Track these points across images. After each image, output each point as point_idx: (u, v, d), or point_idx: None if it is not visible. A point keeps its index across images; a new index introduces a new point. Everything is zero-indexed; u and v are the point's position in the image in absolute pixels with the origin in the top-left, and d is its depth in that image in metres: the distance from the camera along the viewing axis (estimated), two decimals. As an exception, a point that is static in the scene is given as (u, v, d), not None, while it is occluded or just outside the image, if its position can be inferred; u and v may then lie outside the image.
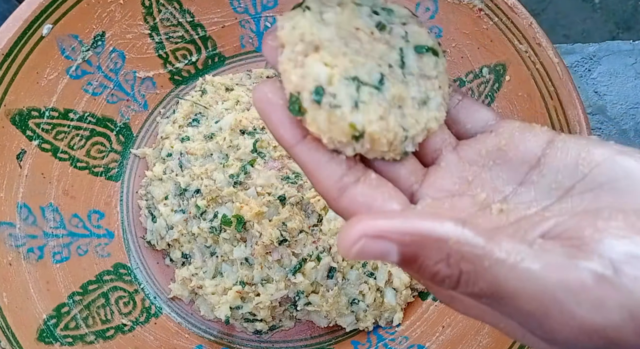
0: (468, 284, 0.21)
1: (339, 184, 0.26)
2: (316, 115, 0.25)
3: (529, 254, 0.20)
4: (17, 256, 0.46)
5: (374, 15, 0.27)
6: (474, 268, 0.20)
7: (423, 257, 0.21)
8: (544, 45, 0.44)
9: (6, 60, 0.45)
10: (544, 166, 0.26)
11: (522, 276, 0.20)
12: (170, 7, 0.53)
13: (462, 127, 0.29)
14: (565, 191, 0.25)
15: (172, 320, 0.52)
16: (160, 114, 0.57)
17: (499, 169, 0.27)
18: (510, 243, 0.21)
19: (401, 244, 0.21)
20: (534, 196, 0.25)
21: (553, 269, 0.20)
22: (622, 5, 1.17)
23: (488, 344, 0.45)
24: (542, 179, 0.25)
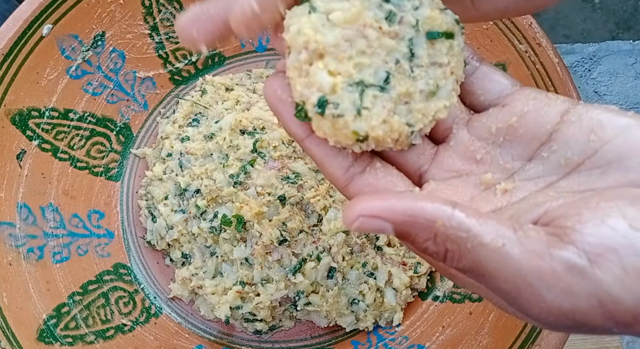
0: (453, 261, 0.23)
1: (346, 174, 0.27)
2: (321, 124, 0.26)
3: (511, 240, 0.21)
4: (17, 256, 0.46)
5: (385, 4, 0.26)
6: (458, 248, 0.22)
7: (414, 235, 0.23)
8: (544, 45, 0.44)
9: (6, 60, 0.45)
10: (554, 141, 0.26)
11: (500, 259, 0.21)
12: (170, 7, 0.53)
13: (475, 99, 0.29)
14: (573, 168, 0.25)
15: (172, 320, 0.52)
16: (160, 114, 0.57)
17: (509, 145, 0.27)
18: (495, 227, 0.22)
19: (394, 223, 0.23)
20: (541, 171, 0.26)
21: (529, 256, 0.21)
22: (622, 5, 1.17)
23: (488, 344, 0.45)
24: (552, 155, 0.26)
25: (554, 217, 0.22)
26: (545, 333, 0.41)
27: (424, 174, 0.28)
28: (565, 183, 0.25)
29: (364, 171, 0.27)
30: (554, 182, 0.25)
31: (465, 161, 0.28)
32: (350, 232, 0.49)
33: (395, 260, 0.51)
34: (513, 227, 0.22)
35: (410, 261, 0.51)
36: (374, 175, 0.27)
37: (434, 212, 0.22)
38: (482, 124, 0.28)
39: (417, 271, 0.51)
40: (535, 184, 0.26)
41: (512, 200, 0.26)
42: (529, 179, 0.26)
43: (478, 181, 0.27)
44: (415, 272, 0.51)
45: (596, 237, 0.21)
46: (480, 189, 0.27)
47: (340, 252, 0.48)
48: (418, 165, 0.28)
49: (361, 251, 0.50)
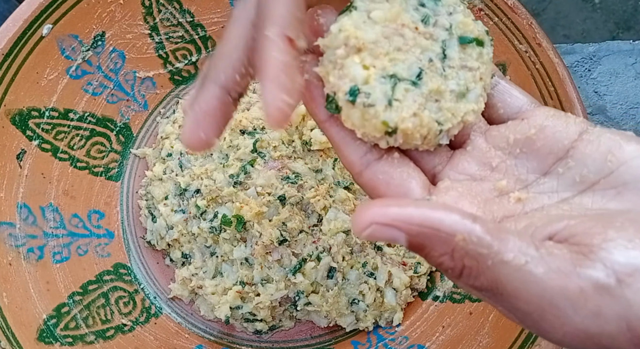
0: (470, 278, 0.21)
1: (362, 160, 0.27)
2: (350, 113, 0.26)
3: (534, 257, 0.20)
4: (17, 256, 0.46)
5: (421, 8, 0.27)
6: (477, 265, 0.21)
7: (429, 249, 0.21)
8: (544, 45, 0.44)
9: (6, 60, 0.45)
10: (571, 158, 0.25)
11: (523, 278, 0.20)
12: (170, 7, 0.53)
13: (494, 112, 0.29)
14: (588, 186, 0.25)
15: (172, 320, 0.52)
16: (160, 114, 0.57)
17: (525, 158, 0.27)
18: (517, 243, 0.21)
19: (409, 233, 0.21)
20: (556, 186, 0.26)
21: (555, 274, 0.20)
22: (622, 5, 1.17)
23: (488, 344, 0.45)
24: (567, 172, 0.25)
25: (574, 234, 0.22)
26: (545, 333, 0.41)
27: (438, 174, 0.28)
28: (579, 200, 0.24)
29: (380, 158, 0.27)
30: (568, 198, 0.25)
31: (480, 166, 0.28)
32: (350, 232, 0.49)
33: (395, 260, 0.51)
34: (535, 244, 0.21)
35: (410, 261, 0.51)
36: (390, 163, 0.27)
37: (453, 225, 0.21)
38: (500, 133, 0.28)
39: (417, 271, 0.51)
40: (549, 198, 0.25)
41: (525, 209, 0.25)
42: (542, 193, 0.26)
43: (492, 186, 0.27)
44: (415, 272, 0.51)
45: (625, 256, 0.20)
46: (494, 194, 0.26)
47: (340, 252, 0.48)
48: (433, 164, 0.28)
49: (361, 251, 0.50)
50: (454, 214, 0.21)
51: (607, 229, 0.21)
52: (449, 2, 0.28)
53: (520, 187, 0.26)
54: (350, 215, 0.49)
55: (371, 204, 0.22)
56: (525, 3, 0.45)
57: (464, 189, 0.26)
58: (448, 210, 0.21)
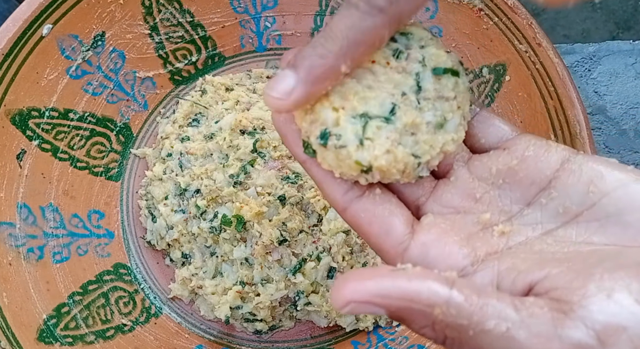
0: (453, 346, 0.21)
1: (344, 197, 0.27)
2: (325, 155, 0.27)
3: (515, 322, 0.20)
4: (17, 256, 0.46)
5: (392, 43, 0.27)
6: (459, 335, 0.21)
7: (409, 322, 0.22)
8: (544, 45, 0.44)
9: (6, 60, 0.45)
10: (554, 189, 0.25)
11: (507, 345, 0.20)
12: (170, 7, 0.53)
13: (476, 141, 0.29)
14: (571, 217, 0.25)
15: (172, 320, 0.52)
16: (160, 114, 0.57)
17: (508, 189, 0.27)
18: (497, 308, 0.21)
19: (388, 309, 0.21)
20: (539, 218, 0.25)
21: (537, 339, 0.20)
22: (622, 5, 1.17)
23: (488, 344, 0.45)
24: (550, 202, 0.25)
25: (555, 287, 0.21)
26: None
27: (422, 206, 0.28)
28: (563, 232, 0.24)
29: (362, 195, 0.27)
30: (552, 230, 0.25)
31: (464, 198, 0.27)
32: (350, 232, 0.49)
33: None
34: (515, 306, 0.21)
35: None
36: (372, 200, 0.27)
37: (430, 297, 0.21)
38: (482, 164, 0.28)
39: (417, 271, 0.51)
40: (532, 230, 0.25)
41: (509, 243, 0.25)
42: (526, 225, 0.26)
43: (476, 219, 0.26)
44: (415, 272, 0.51)
45: (604, 314, 0.20)
46: (478, 228, 0.26)
47: (340, 252, 0.48)
48: (416, 196, 0.28)
49: (361, 251, 0.50)
50: (432, 282, 0.21)
51: (587, 283, 0.21)
52: (420, 36, 0.28)
53: (504, 219, 0.26)
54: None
55: (347, 280, 0.22)
56: (525, 3, 0.45)
57: (447, 225, 0.26)
58: (424, 279, 0.21)
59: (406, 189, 0.28)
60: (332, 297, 0.22)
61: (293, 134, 0.28)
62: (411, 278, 0.21)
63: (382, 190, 0.28)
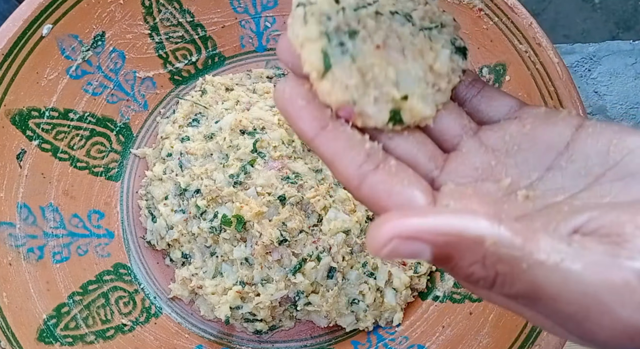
0: (504, 286, 0.20)
1: (358, 172, 0.26)
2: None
3: (569, 254, 0.19)
4: (17, 256, 0.46)
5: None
6: (511, 270, 0.20)
7: (457, 259, 0.20)
8: (544, 45, 0.44)
9: (6, 60, 0.45)
10: (572, 151, 0.25)
11: (562, 277, 0.19)
12: (170, 7, 0.53)
13: (484, 116, 0.28)
14: (594, 178, 0.24)
15: (172, 320, 0.52)
16: (160, 114, 0.57)
17: (524, 154, 0.26)
18: (549, 242, 0.20)
19: (435, 245, 0.20)
20: (561, 182, 0.25)
21: (595, 269, 0.19)
22: (622, 5, 1.17)
23: (488, 344, 0.45)
24: (570, 165, 0.24)
25: (601, 225, 0.21)
26: (545, 333, 0.41)
27: (436, 178, 0.27)
28: (587, 194, 0.23)
29: (377, 168, 0.26)
30: (577, 193, 0.24)
31: (479, 167, 0.26)
32: (350, 232, 0.49)
33: (395, 260, 0.51)
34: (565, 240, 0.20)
35: (410, 261, 0.51)
36: (389, 171, 0.25)
37: (481, 229, 0.19)
38: (494, 132, 0.27)
39: (417, 271, 0.51)
40: (555, 194, 0.24)
41: (536, 207, 0.24)
42: (549, 189, 0.25)
43: (496, 186, 0.25)
44: (415, 272, 0.51)
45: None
46: (500, 193, 0.25)
47: (340, 252, 0.48)
48: (430, 168, 0.27)
49: (361, 251, 0.50)
50: (480, 218, 0.20)
51: (635, 216, 0.20)
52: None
53: (525, 185, 0.25)
54: (350, 215, 0.49)
55: (387, 218, 0.20)
56: (525, 3, 0.45)
57: (469, 191, 0.25)
58: (472, 214, 0.20)
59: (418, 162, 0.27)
60: (369, 237, 0.20)
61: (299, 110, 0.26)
62: (458, 213, 0.20)
63: (397, 161, 0.26)
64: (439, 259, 0.20)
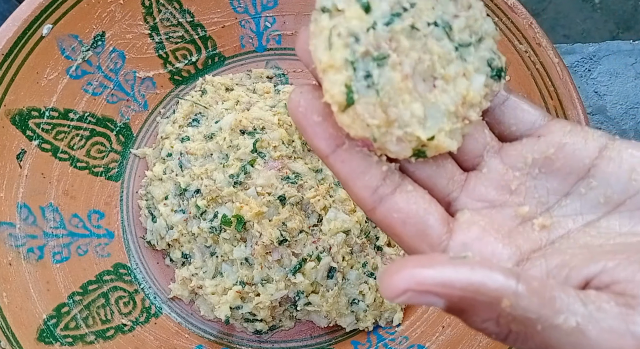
0: (517, 342, 0.20)
1: (373, 196, 0.25)
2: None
3: (584, 317, 0.19)
4: (17, 256, 0.46)
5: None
6: (525, 329, 0.20)
7: (471, 313, 0.20)
8: (544, 45, 0.44)
9: (6, 60, 0.45)
10: (593, 177, 0.24)
11: (576, 341, 0.19)
12: (170, 7, 0.53)
13: (506, 129, 0.27)
14: (614, 207, 0.24)
15: (172, 320, 0.52)
16: (160, 114, 0.57)
17: (545, 179, 0.26)
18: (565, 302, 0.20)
19: (449, 299, 0.20)
20: (579, 209, 0.24)
21: (609, 335, 0.19)
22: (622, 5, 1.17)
23: (488, 344, 0.45)
24: (590, 192, 0.24)
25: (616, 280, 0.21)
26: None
27: (454, 201, 0.27)
28: (606, 223, 0.23)
29: (393, 193, 0.25)
30: (594, 221, 0.24)
31: (498, 190, 0.26)
32: (350, 232, 0.49)
33: (395, 260, 0.51)
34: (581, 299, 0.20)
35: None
36: (405, 198, 0.25)
37: (498, 288, 0.19)
38: (516, 152, 0.26)
39: (417, 271, 0.51)
40: (573, 221, 0.24)
41: (551, 237, 0.24)
42: (567, 216, 0.24)
43: (513, 213, 0.25)
44: (415, 272, 0.51)
45: None
46: (517, 222, 0.25)
47: (340, 252, 0.48)
48: (447, 191, 0.27)
49: (361, 251, 0.50)
50: (497, 274, 0.20)
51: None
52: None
53: (542, 211, 0.25)
54: (350, 215, 0.49)
55: (401, 266, 0.20)
56: (525, 3, 0.45)
57: (485, 222, 0.25)
58: (489, 269, 0.20)
59: (437, 184, 0.27)
60: (382, 285, 0.20)
61: (315, 126, 0.25)
62: (474, 267, 0.20)
63: (414, 186, 0.26)
64: (452, 311, 0.20)
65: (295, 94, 0.26)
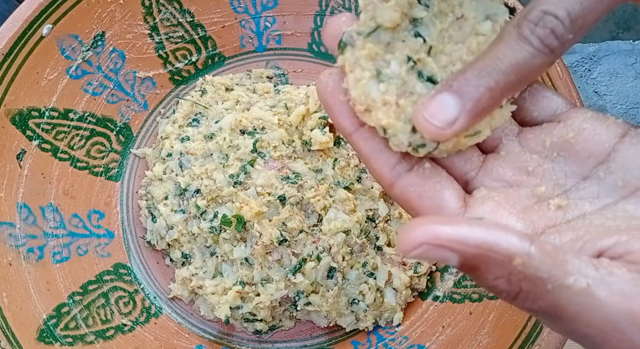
0: (526, 301, 0.21)
1: (392, 172, 0.26)
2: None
3: (595, 279, 0.20)
4: (17, 256, 0.46)
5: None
6: (535, 288, 0.20)
7: (483, 271, 0.21)
8: (544, 45, 0.44)
9: (6, 60, 0.45)
10: (612, 162, 0.24)
11: (585, 302, 0.20)
12: (170, 7, 0.53)
13: (528, 115, 0.28)
14: (631, 191, 0.24)
15: (172, 320, 0.52)
16: (160, 114, 0.57)
17: (564, 162, 0.26)
18: (577, 265, 0.20)
19: (463, 255, 0.20)
20: (597, 192, 0.25)
21: (619, 297, 0.19)
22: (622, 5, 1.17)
23: (488, 344, 0.45)
24: (608, 176, 0.24)
25: (630, 251, 0.21)
26: (546, 333, 0.41)
27: (471, 180, 0.27)
28: (622, 207, 0.24)
29: (411, 170, 0.26)
30: (611, 204, 0.24)
31: (515, 171, 0.26)
32: (350, 232, 0.49)
33: (395, 260, 0.51)
34: (593, 264, 0.20)
35: (410, 261, 0.51)
36: (422, 175, 0.26)
37: (511, 247, 0.20)
38: (535, 136, 0.27)
39: (417, 271, 0.51)
40: (590, 204, 0.24)
41: (566, 217, 0.24)
42: (583, 199, 0.25)
43: (530, 193, 0.26)
44: (415, 272, 0.51)
45: None
46: (533, 201, 0.25)
47: (340, 252, 0.48)
48: (465, 171, 0.27)
49: (361, 251, 0.50)
50: (511, 235, 0.20)
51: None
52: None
53: (559, 193, 0.25)
54: (350, 215, 0.49)
55: (419, 223, 0.21)
56: (525, 3, 0.45)
57: (501, 198, 0.25)
58: (504, 230, 0.20)
59: (454, 163, 0.27)
60: (400, 239, 0.21)
61: (340, 106, 0.26)
62: (489, 227, 0.21)
63: (432, 164, 0.26)
64: (465, 267, 0.21)
65: (324, 76, 0.27)
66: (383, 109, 0.25)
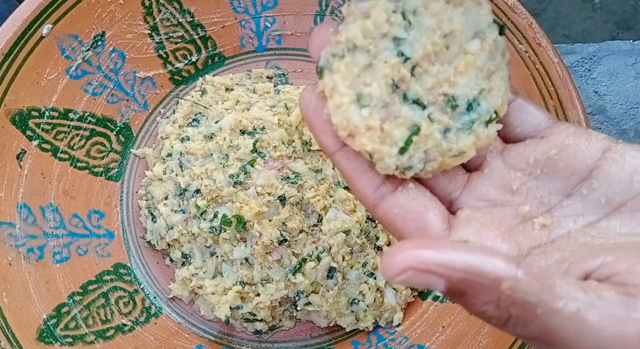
0: (517, 327, 0.20)
1: (376, 193, 0.26)
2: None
3: (585, 303, 0.19)
4: (17, 256, 0.46)
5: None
6: (525, 313, 0.20)
7: (470, 296, 0.20)
8: (544, 45, 0.44)
9: (6, 60, 0.45)
10: (595, 178, 0.24)
11: (577, 326, 0.19)
12: (170, 7, 0.53)
13: (511, 130, 0.28)
14: (615, 208, 0.24)
15: (172, 320, 0.52)
16: (160, 114, 0.57)
17: (547, 179, 0.26)
18: (565, 289, 0.20)
19: (449, 280, 0.20)
20: (580, 209, 0.25)
21: (610, 321, 0.19)
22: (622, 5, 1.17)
23: (488, 344, 0.45)
24: (592, 193, 0.24)
25: (616, 272, 0.21)
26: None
27: (455, 200, 0.27)
28: (606, 224, 0.24)
29: (395, 191, 0.26)
30: (595, 222, 0.24)
31: (500, 190, 0.26)
32: (350, 232, 0.49)
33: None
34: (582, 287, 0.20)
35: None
36: (406, 196, 0.26)
37: (497, 271, 0.20)
38: (518, 154, 0.27)
39: (417, 271, 0.51)
40: (574, 222, 0.24)
41: (551, 236, 0.24)
42: (567, 216, 0.25)
43: (514, 212, 0.25)
44: (415, 272, 0.51)
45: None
46: (517, 221, 0.25)
47: (340, 252, 0.48)
48: (449, 191, 0.27)
49: (361, 251, 0.50)
50: (497, 259, 0.20)
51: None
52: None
53: (543, 211, 0.25)
54: (350, 215, 0.49)
55: (404, 247, 0.20)
56: (525, 3, 0.45)
57: (485, 219, 0.25)
58: (490, 254, 0.20)
59: (439, 183, 0.27)
60: (383, 264, 0.20)
61: (322, 123, 0.26)
62: (475, 251, 0.20)
63: (416, 185, 0.26)
64: (452, 293, 0.20)
65: (307, 92, 0.26)
66: (367, 134, 0.24)
